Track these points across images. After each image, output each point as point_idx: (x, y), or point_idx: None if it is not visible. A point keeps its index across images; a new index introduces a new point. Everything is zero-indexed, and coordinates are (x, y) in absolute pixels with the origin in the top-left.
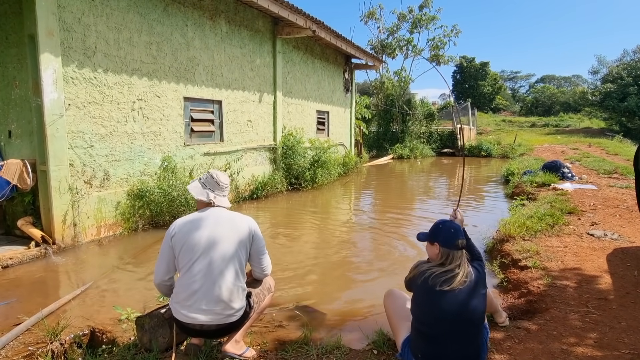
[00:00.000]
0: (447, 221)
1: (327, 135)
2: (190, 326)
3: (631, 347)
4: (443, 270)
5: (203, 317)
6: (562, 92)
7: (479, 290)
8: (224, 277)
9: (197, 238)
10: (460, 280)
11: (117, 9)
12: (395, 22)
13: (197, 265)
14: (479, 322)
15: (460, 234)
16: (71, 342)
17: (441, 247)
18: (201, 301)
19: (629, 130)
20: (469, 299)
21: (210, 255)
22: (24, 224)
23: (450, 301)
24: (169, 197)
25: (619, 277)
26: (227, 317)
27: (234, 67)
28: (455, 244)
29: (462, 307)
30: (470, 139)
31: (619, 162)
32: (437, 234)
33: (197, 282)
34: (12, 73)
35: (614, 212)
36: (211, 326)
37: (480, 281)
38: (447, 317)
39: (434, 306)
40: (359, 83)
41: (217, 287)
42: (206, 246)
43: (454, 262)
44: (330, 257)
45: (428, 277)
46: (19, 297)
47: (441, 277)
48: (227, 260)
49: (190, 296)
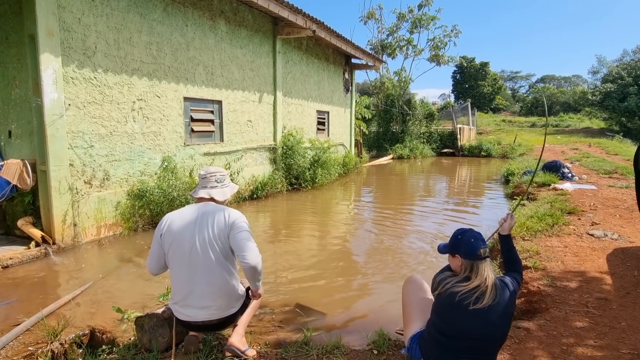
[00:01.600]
0: (467, 230)
1: (327, 135)
2: (192, 324)
3: (631, 347)
4: (471, 287)
5: (203, 313)
6: (562, 92)
7: (509, 309)
8: (215, 273)
9: (183, 237)
10: (490, 296)
11: (117, 9)
12: (394, 22)
13: (187, 265)
14: (502, 341)
15: (481, 242)
16: (71, 342)
17: (463, 259)
18: (199, 299)
19: (629, 130)
20: (497, 318)
21: (198, 253)
22: (24, 224)
23: (477, 321)
24: (169, 197)
25: (619, 277)
26: (227, 310)
27: (234, 67)
28: (478, 254)
29: (488, 327)
30: (470, 139)
31: (619, 162)
32: (458, 245)
33: (191, 282)
34: (12, 73)
35: (614, 212)
36: (212, 321)
37: (511, 300)
38: (471, 335)
39: (458, 322)
40: (359, 83)
41: (211, 284)
42: (193, 245)
43: (479, 274)
44: (330, 257)
45: (455, 294)
46: (19, 297)
47: (470, 296)
48: (215, 256)
49: (187, 296)
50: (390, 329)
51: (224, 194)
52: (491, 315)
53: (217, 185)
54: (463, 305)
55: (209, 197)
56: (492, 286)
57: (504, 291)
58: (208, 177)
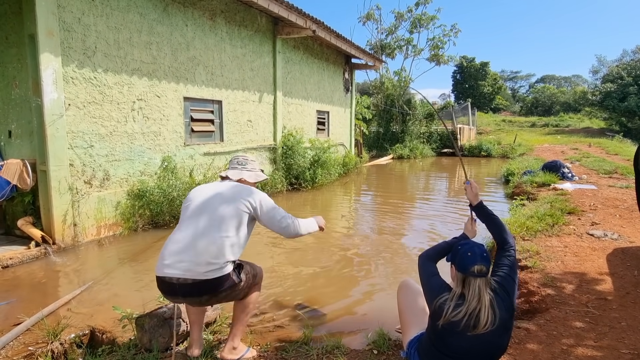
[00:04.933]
0: (469, 243)
1: (327, 135)
2: (166, 280)
3: (631, 347)
4: (464, 311)
5: (179, 270)
6: (562, 92)
7: (506, 324)
8: (210, 232)
9: (195, 198)
10: (486, 320)
11: (117, 9)
12: (393, 22)
13: (186, 220)
14: (502, 353)
15: (480, 259)
16: (71, 342)
17: (456, 271)
18: (182, 254)
19: (629, 130)
20: (497, 338)
21: (200, 213)
22: (24, 224)
23: (476, 343)
24: (169, 197)
25: (619, 277)
26: (206, 273)
27: (234, 67)
28: (472, 270)
29: (487, 347)
30: (470, 139)
31: (619, 162)
32: (455, 255)
33: (183, 235)
34: (12, 73)
35: (614, 212)
36: (187, 280)
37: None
38: (470, 355)
39: (456, 344)
40: (359, 83)
41: (200, 240)
42: (200, 205)
43: (471, 293)
44: (330, 257)
45: (452, 322)
46: (19, 297)
47: (463, 319)
48: (217, 220)
49: (173, 250)
50: (390, 329)
51: (241, 174)
52: (490, 336)
53: (237, 167)
54: (460, 330)
55: (225, 176)
56: (488, 308)
57: (504, 303)
58: (233, 160)
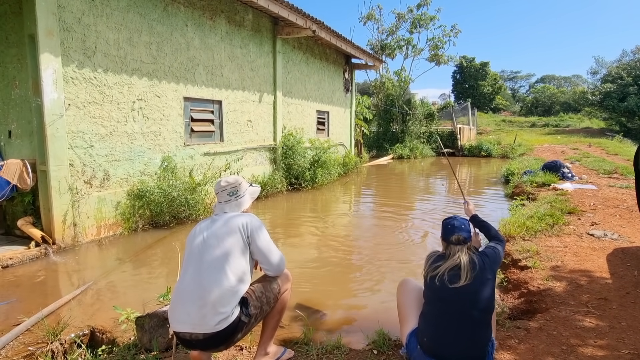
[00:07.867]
0: (449, 218)
1: (327, 135)
2: (180, 335)
3: (631, 347)
4: (446, 268)
5: (189, 324)
6: (562, 92)
7: (485, 276)
8: (212, 280)
9: (192, 243)
10: (466, 274)
11: (117, 9)
12: (394, 23)
13: (188, 271)
14: (489, 308)
15: (458, 230)
16: (71, 342)
17: (442, 240)
18: (188, 307)
19: (629, 130)
20: (476, 288)
21: (200, 259)
22: (24, 224)
23: (458, 295)
24: (169, 197)
25: (619, 277)
26: (215, 325)
27: (234, 67)
28: (451, 239)
29: (470, 298)
30: (470, 139)
31: (619, 162)
32: (442, 229)
33: (186, 288)
34: (12, 73)
35: (614, 212)
36: (198, 335)
37: (486, 267)
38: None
39: (442, 295)
40: (359, 83)
41: (204, 291)
42: (198, 251)
43: (451, 255)
44: (330, 257)
45: (435, 276)
46: (19, 297)
47: (447, 275)
48: (217, 263)
49: (178, 303)
50: (390, 329)
51: (240, 206)
52: (471, 289)
53: (231, 199)
54: (444, 283)
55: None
56: (466, 266)
57: (479, 263)
58: (220, 192)
